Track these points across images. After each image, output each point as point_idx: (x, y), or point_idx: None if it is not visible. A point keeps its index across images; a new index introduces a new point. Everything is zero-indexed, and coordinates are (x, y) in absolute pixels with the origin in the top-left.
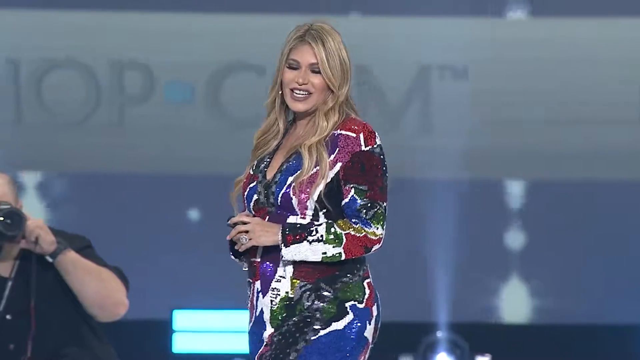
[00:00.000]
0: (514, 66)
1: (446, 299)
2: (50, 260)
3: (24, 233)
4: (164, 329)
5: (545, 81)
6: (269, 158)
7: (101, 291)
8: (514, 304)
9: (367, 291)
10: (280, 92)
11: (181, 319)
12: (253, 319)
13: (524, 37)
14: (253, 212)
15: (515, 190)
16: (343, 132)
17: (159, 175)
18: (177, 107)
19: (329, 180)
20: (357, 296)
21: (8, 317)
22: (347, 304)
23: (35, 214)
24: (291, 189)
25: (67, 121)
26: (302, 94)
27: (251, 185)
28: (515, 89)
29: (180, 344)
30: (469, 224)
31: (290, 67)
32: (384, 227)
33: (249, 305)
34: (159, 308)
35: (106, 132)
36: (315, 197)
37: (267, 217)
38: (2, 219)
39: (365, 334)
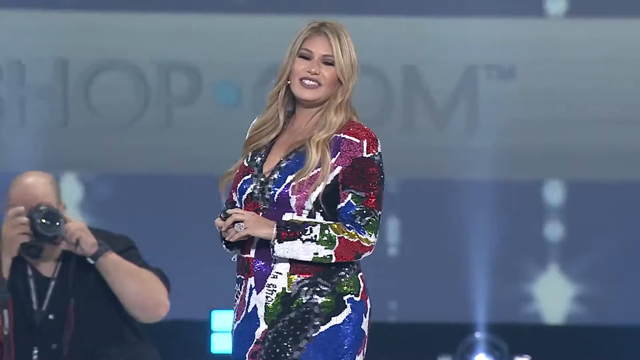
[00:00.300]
0: (562, 66)
1: (485, 300)
2: (91, 262)
3: (64, 235)
4: (203, 330)
5: (594, 81)
6: (264, 152)
7: (142, 292)
8: (554, 304)
9: (361, 284)
10: (287, 83)
11: (220, 319)
12: (242, 316)
13: (571, 37)
14: (243, 205)
15: (560, 191)
16: (347, 136)
17: (205, 176)
18: (225, 108)
19: (328, 182)
20: (353, 289)
21: (51, 317)
22: (345, 298)
23: (81, 216)
24: (290, 189)
25: (115, 123)
26: (312, 84)
27: (245, 178)
28: (563, 88)
29: (218, 344)
30: (509, 224)
31: (302, 57)
32: (377, 236)
33: (238, 302)
34: (198, 308)
35: (154, 134)
36: (313, 198)
37: (260, 213)
38: (43, 220)
39: (362, 327)
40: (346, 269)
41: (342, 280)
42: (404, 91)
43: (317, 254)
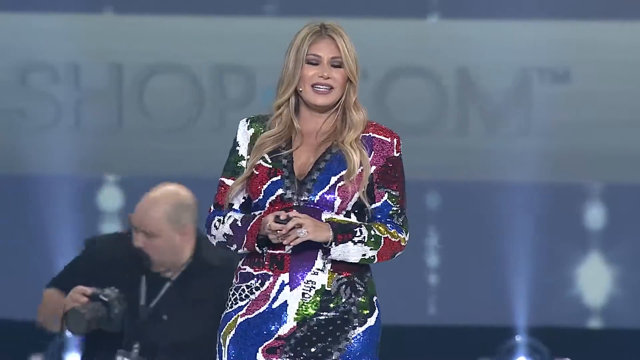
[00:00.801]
0: (616, 68)
1: (525, 302)
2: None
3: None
4: None
5: None
6: (287, 154)
7: None
8: (595, 307)
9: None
10: (298, 90)
11: None
12: (261, 311)
13: (625, 40)
14: (268, 207)
15: (613, 194)
16: (376, 135)
17: None
18: None
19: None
20: (376, 291)
21: (164, 317)
22: (374, 299)
23: None
24: (337, 190)
25: (169, 126)
26: (325, 89)
27: (274, 179)
28: (618, 91)
29: None
30: (554, 226)
31: (310, 63)
32: (409, 235)
33: (254, 297)
34: None
35: (208, 137)
36: (355, 199)
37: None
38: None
39: (381, 327)
40: (370, 271)
41: (370, 281)
42: (458, 94)
43: (364, 255)
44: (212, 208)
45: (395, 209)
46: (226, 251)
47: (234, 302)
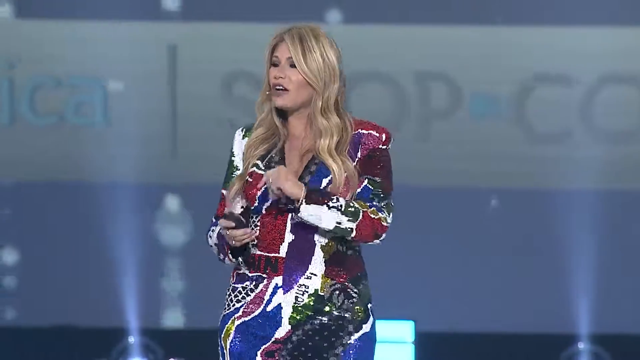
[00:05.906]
0: None
1: (588, 310)
2: None
3: None
4: None
5: None
6: (278, 159)
7: None
8: None
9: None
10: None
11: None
12: (256, 314)
13: None
14: (260, 213)
15: None
16: (365, 131)
17: (462, 189)
18: (483, 120)
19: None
20: (371, 298)
21: None
22: (369, 306)
23: None
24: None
25: None
26: (280, 89)
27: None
28: None
29: None
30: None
31: (273, 65)
32: (391, 219)
33: (249, 299)
34: None
35: (411, 146)
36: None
37: (287, 220)
38: None
39: (376, 335)
40: (366, 278)
41: (365, 289)
42: (624, 102)
43: (340, 223)
44: (213, 220)
45: (375, 192)
46: None
47: (230, 303)
